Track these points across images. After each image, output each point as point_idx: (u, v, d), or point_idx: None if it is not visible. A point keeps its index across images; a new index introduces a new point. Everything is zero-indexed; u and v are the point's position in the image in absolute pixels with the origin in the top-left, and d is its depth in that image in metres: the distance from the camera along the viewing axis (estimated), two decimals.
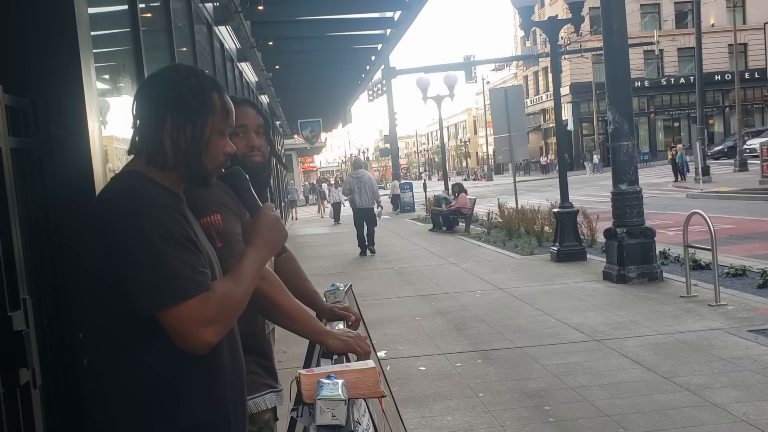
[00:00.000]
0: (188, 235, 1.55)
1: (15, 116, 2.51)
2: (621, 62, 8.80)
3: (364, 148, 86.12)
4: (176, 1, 6.15)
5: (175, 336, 1.50)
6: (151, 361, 1.55)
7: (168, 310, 1.48)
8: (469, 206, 17.08)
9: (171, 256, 1.49)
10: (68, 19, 2.71)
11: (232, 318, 1.58)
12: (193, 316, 1.48)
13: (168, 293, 1.48)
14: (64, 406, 2.68)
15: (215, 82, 1.70)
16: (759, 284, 7.59)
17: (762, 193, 18.65)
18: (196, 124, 1.63)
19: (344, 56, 15.02)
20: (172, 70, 1.70)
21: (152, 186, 1.59)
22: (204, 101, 1.64)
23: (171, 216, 1.53)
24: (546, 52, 24.97)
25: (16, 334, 2.34)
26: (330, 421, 1.40)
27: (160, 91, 1.64)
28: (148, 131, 1.64)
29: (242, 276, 1.62)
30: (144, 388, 1.56)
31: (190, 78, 1.65)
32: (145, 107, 1.65)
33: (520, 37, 56.82)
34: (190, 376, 1.58)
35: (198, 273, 1.52)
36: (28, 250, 2.49)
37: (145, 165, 1.64)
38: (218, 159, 1.68)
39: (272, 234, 1.71)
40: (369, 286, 9.53)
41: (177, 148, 1.62)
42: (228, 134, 1.70)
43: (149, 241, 1.48)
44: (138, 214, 1.50)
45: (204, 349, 1.52)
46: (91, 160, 2.72)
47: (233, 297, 1.57)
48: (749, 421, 4.05)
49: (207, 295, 1.51)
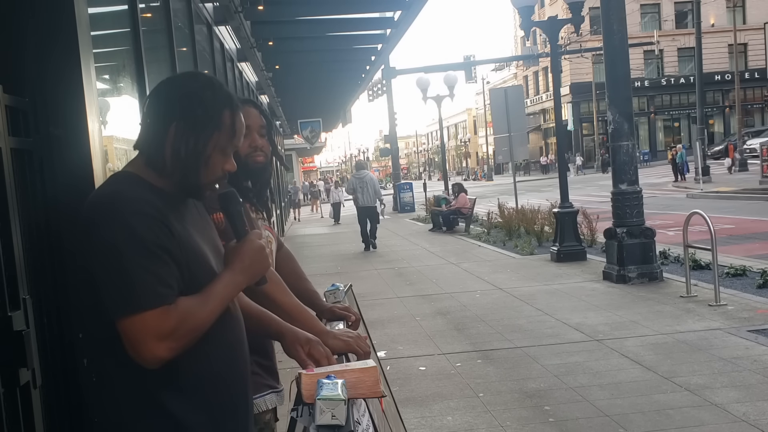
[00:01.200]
0: (163, 244, 1.51)
1: (15, 116, 2.51)
2: (621, 62, 8.80)
3: (364, 148, 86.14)
4: (176, 1, 6.15)
5: (128, 345, 1.48)
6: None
7: (125, 319, 1.46)
8: (469, 206, 17.09)
9: (137, 264, 1.47)
10: (68, 19, 2.71)
11: (189, 337, 1.52)
12: (148, 328, 1.45)
13: (127, 301, 1.46)
14: (64, 406, 2.68)
15: (231, 98, 1.66)
16: (759, 284, 7.59)
17: (762, 193, 18.65)
18: (199, 138, 1.60)
19: (344, 56, 15.02)
20: (190, 78, 1.68)
21: (139, 191, 1.56)
22: (213, 116, 1.61)
23: (146, 224, 1.50)
24: (546, 52, 24.95)
25: (16, 334, 2.34)
26: (330, 421, 1.40)
27: (172, 96, 1.62)
28: (152, 133, 1.63)
29: (211, 297, 1.57)
30: (135, 389, 1.55)
31: (205, 90, 1.62)
32: (155, 109, 1.64)
33: (520, 37, 56.81)
34: (184, 378, 1.57)
35: (163, 285, 1.49)
36: (28, 250, 2.49)
37: (144, 165, 1.63)
38: (215, 175, 1.66)
39: (253, 262, 1.67)
40: (369, 286, 9.53)
41: (176, 157, 1.60)
42: (231, 152, 1.67)
43: (117, 248, 1.47)
44: (112, 221, 1.49)
45: (154, 363, 1.48)
46: (90, 160, 2.72)
47: (195, 316, 1.53)
48: (749, 421, 4.05)
49: (167, 309, 1.48)
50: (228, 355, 1.67)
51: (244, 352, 1.75)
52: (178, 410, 1.56)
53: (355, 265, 12.29)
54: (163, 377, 1.54)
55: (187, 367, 1.57)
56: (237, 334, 1.72)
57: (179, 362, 1.53)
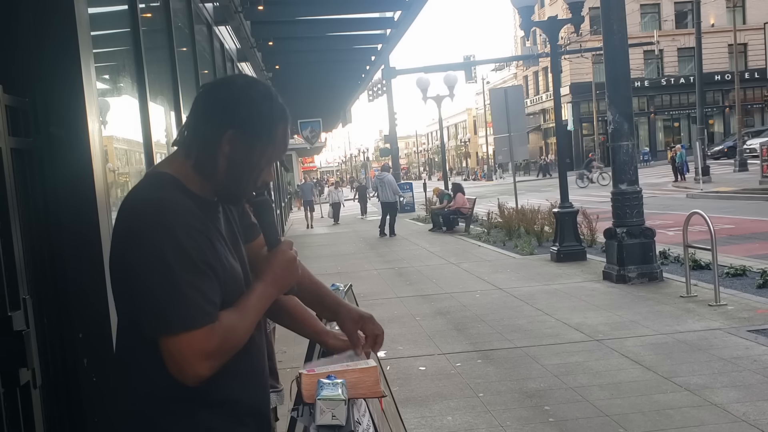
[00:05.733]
0: (207, 260, 1.48)
1: (15, 116, 2.51)
2: (621, 62, 8.80)
3: (364, 148, 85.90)
4: (176, 1, 6.15)
5: (170, 364, 1.44)
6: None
7: (170, 338, 1.43)
8: (468, 206, 17.09)
9: (185, 282, 1.42)
10: (68, 19, 2.71)
11: (230, 353, 1.50)
12: (195, 347, 1.43)
13: (175, 320, 1.42)
14: (64, 406, 2.68)
15: (285, 112, 1.62)
16: (759, 284, 7.59)
17: (762, 193, 18.65)
18: (255, 149, 1.56)
19: (344, 56, 15.02)
20: (249, 85, 1.60)
21: (183, 200, 1.51)
22: (270, 129, 1.57)
23: (194, 239, 1.46)
24: (546, 52, 24.96)
25: (16, 334, 2.34)
26: (330, 421, 1.40)
27: (232, 103, 1.55)
28: (204, 136, 1.56)
29: (247, 311, 1.55)
30: (158, 390, 1.52)
31: (264, 100, 1.57)
32: (209, 113, 1.56)
33: (520, 37, 56.82)
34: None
35: (208, 302, 1.46)
36: (28, 250, 2.49)
37: (189, 169, 1.57)
38: (257, 185, 1.63)
39: (284, 273, 1.64)
40: (369, 286, 9.53)
41: (231, 167, 1.56)
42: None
43: (166, 263, 1.42)
44: (162, 233, 1.43)
45: (195, 382, 1.45)
46: (91, 160, 2.72)
47: (237, 332, 1.51)
48: (749, 421, 4.05)
49: (213, 327, 1.45)
50: (252, 368, 1.64)
51: (264, 363, 1.73)
52: (204, 422, 1.54)
53: (355, 265, 12.29)
54: (193, 391, 1.50)
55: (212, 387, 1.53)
56: (260, 345, 1.69)
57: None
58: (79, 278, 2.72)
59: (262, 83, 1.65)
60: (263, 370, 1.73)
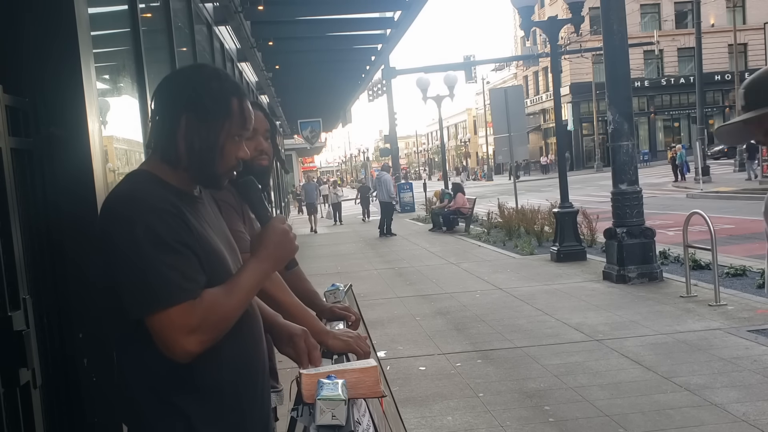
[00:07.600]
0: (184, 240, 1.53)
1: (15, 116, 2.51)
2: (621, 62, 8.80)
3: (364, 148, 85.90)
4: (176, 1, 6.16)
5: (158, 342, 1.50)
6: (153, 361, 1.55)
7: (153, 316, 1.48)
8: (468, 206, 17.09)
9: (160, 261, 1.48)
10: (68, 19, 2.71)
11: (218, 328, 1.54)
12: (176, 323, 1.47)
13: (153, 299, 1.47)
14: (64, 406, 2.68)
15: (237, 86, 1.68)
16: (759, 284, 7.59)
17: (762, 193, 18.60)
18: (211, 128, 1.61)
19: (344, 56, 15.03)
20: (195, 70, 1.69)
21: (155, 188, 1.58)
22: (222, 105, 1.62)
23: (166, 221, 1.51)
24: (546, 52, 24.94)
25: (16, 334, 2.34)
26: (330, 421, 1.40)
27: (179, 90, 1.62)
28: (163, 129, 1.63)
29: (237, 287, 1.58)
30: (151, 389, 1.58)
31: (212, 80, 1.64)
32: (163, 104, 1.64)
33: (520, 37, 56.79)
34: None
35: (187, 280, 1.50)
36: (28, 250, 2.49)
37: (159, 162, 1.64)
38: (230, 163, 1.66)
39: (278, 247, 1.66)
40: (369, 286, 9.53)
41: (190, 149, 1.61)
42: (242, 139, 1.68)
43: (139, 247, 1.48)
44: (131, 220, 1.49)
45: (185, 357, 1.50)
46: (91, 160, 2.72)
47: (222, 308, 1.54)
48: (749, 421, 4.05)
49: (192, 303, 1.49)
50: (246, 352, 1.68)
51: (261, 350, 1.76)
52: (192, 411, 1.58)
53: (355, 265, 12.29)
54: (179, 378, 1.56)
55: (206, 360, 1.57)
56: (255, 332, 1.73)
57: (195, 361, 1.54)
58: (79, 278, 2.72)
59: (209, 65, 1.72)
60: (261, 358, 1.75)
